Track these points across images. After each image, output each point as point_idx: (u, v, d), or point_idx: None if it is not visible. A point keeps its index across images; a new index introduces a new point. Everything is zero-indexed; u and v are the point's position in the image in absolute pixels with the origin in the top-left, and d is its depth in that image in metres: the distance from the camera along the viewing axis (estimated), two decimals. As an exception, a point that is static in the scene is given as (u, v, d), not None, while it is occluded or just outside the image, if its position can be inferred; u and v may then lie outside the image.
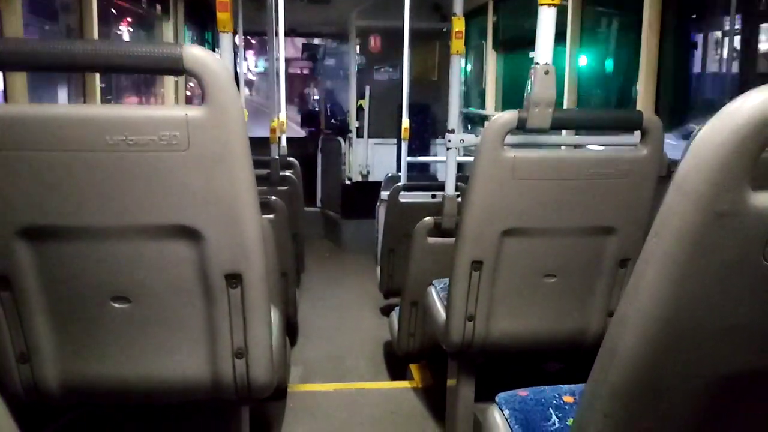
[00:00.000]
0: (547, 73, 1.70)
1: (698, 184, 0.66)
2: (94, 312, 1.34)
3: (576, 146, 2.60)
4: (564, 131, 2.91)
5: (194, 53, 1.17)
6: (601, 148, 2.31)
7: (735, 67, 2.54)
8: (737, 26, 2.51)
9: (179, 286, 1.33)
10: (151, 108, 1.38)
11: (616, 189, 1.77)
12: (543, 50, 1.72)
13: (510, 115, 1.71)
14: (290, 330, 3.35)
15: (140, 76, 4.60)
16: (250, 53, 19.98)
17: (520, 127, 1.71)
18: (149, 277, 1.32)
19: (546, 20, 1.72)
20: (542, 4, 1.69)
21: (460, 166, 3.19)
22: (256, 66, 21.80)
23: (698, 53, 2.79)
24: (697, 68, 2.81)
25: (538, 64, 1.71)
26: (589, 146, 2.52)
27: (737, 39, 2.51)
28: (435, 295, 2.30)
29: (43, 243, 1.27)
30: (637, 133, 1.80)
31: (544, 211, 1.79)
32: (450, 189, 2.73)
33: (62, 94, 3.04)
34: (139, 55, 1.19)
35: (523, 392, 1.35)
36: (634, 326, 0.74)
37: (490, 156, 1.71)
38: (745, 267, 0.70)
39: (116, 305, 1.33)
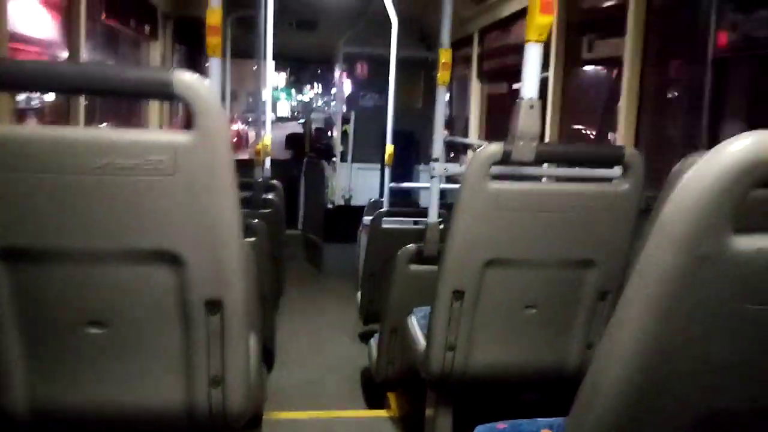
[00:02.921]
0: (531, 107, 1.73)
1: (682, 226, 0.67)
2: (69, 336, 1.31)
3: (557, 178, 2.64)
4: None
5: (184, 79, 1.17)
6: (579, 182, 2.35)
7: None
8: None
9: (157, 311, 1.31)
10: (138, 132, 1.37)
11: (597, 222, 1.80)
12: (528, 85, 1.76)
13: (495, 148, 1.73)
14: (267, 355, 3.31)
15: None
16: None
17: (505, 159, 1.73)
18: (127, 302, 1.30)
19: (532, 56, 1.75)
20: (529, 41, 1.73)
21: (443, 194, 3.21)
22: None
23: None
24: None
25: (522, 98, 1.74)
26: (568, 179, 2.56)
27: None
28: (415, 324, 2.29)
29: (20, 264, 1.25)
30: (617, 167, 1.83)
31: (526, 242, 1.81)
32: (433, 216, 2.74)
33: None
34: (129, 79, 1.19)
35: (501, 425, 1.34)
36: (616, 362, 0.75)
37: (475, 187, 1.73)
38: (727, 309, 0.71)
39: (92, 330, 1.30)
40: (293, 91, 26.95)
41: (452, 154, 5.87)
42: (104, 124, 3.96)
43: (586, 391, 0.80)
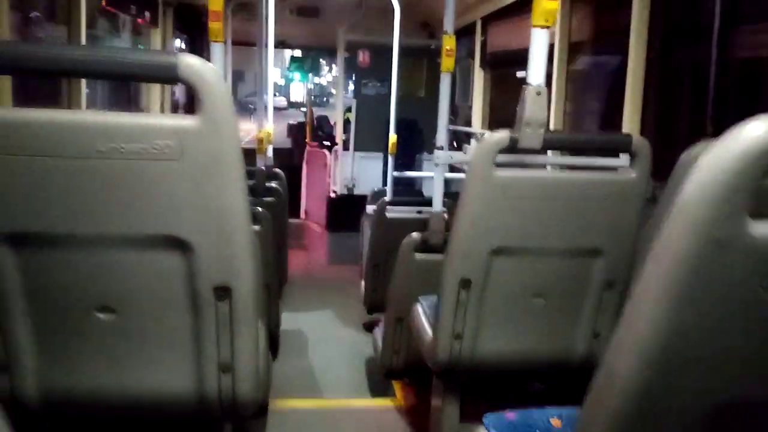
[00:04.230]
0: (539, 93, 1.71)
1: (698, 211, 0.67)
2: (78, 322, 1.31)
3: (562, 166, 2.63)
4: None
5: (189, 62, 1.16)
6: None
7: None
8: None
9: (166, 297, 1.30)
10: (144, 116, 1.35)
11: (605, 211, 1.79)
12: (535, 71, 1.74)
13: (501, 135, 1.72)
14: (272, 343, 3.32)
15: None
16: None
17: (512, 147, 1.72)
18: (136, 287, 1.30)
19: (538, 42, 1.73)
20: (536, 26, 1.71)
21: (447, 183, 3.20)
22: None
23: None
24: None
25: (529, 85, 1.72)
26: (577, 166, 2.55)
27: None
28: (422, 313, 2.29)
29: (28, 250, 1.24)
30: (623, 155, 1.82)
31: (533, 230, 1.80)
32: (437, 205, 2.73)
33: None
34: (134, 63, 1.18)
35: (510, 414, 1.34)
36: (632, 351, 0.74)
37: (481, 175, 1.72)
38: (743, 294, 0.70)
39: (101, 316, 1.30)
40: (310, 74, 23.54)
41: (455, 143, 5.85)
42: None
43: (601, 380, 0.79)
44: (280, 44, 6.70)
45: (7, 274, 1.25)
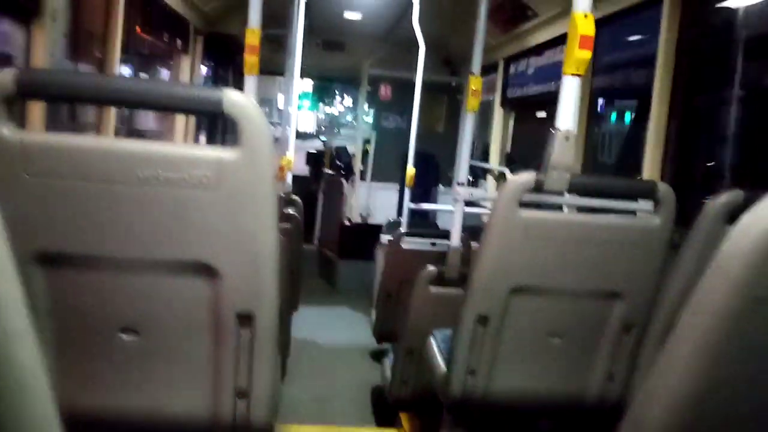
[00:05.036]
0: (567, 138, 1.75)
1: (739, 269, 0.68)
2: (101, 342, 1.33)
3: (579, 209, 2.66)
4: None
5: (233, 98, 1.21)
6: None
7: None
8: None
9: (190, 322, 1.33)
10: (185, 146, 1.41)
11: (626, 255, 1.80)
12: (564, 116, 1.78)
13: (528, 178, 1.75)
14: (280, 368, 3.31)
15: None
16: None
17: (537, 189, 1.75)
18: (161, 310, 1.32)
19: (569, 88, 1.78)
20: (567, 74, 1.76)
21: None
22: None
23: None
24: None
25: (559, 129, 1.77)
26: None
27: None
28: (435, 346, 2.30)
29: (58, 269, 1.27)
30: (643, 200, 1.85)
31: (553, 271, 1.82)
32: (455, 240, 2.76)
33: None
34: (182, 96, 1.23)
35: None
36: (662, 401, 0.74)
37: (506, 215, 1.75)
38: None
39: (124, 337, 1.33)
40: (320, 103, 21.48)
41: (470, 178, 5.90)
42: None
43: (629, 427, 0.80)
44: (305, 75, 6.84)
45: (35, 292, 1.27)
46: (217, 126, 5.56)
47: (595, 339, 1.92)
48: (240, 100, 1.21)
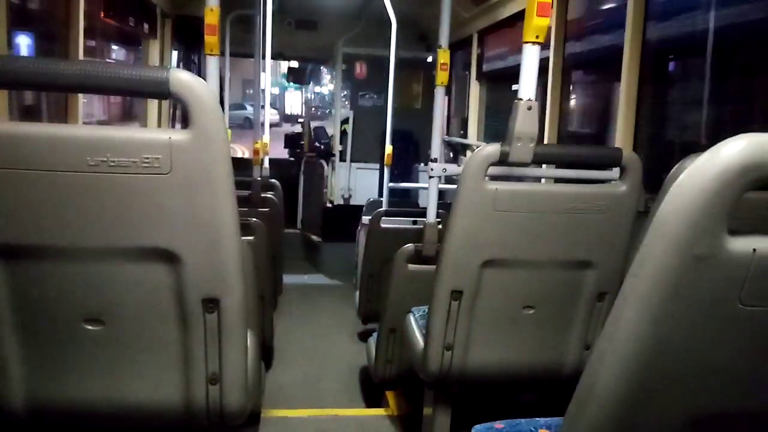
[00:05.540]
0: (529, 108, 1.73)
1: (677, 227, 0.68)
2: (66, 333, 1.31)
3: (554, 180, 2.66)
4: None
5: (180, 77, 1.17)
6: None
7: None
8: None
9: (155, 309, 1.31)
10: (134, 130, 1.37)
11: (595, 224, 1.80)
12: (526, 86, 1.76)
13: (492, 149, 1.74)
14: (265, 353, 3.32)
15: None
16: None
17: (503, 160, 1.74)
18: (124, 299, 1.30)
19: (530, 57, 1.76)
20: (527, 42, 1.74)
21: (442, 194, 3.23)
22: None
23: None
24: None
25: (521, 99, 1.75)
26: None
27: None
28: (413, 323, 2.30)
29: (17, 262, 1.25)
30: (615, 168, 1.84)
31: (523, 243, 1.82)
32: (431, 216, 2.75)
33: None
34: (126, 78, 1.18)
35: (498, 424, 1.35)
36: (611, 364, 0.75)
37: (472, 187, 1.74)
38: (721, 310, 0.71)
39: (89, 327, 1.31)
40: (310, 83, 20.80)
41: (451, 155, 5.88)
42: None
43: (582, 391, 0.80)
44: (278, 56, 6.74)
45: None
46: None
47: (569, 309, 1.93)
48: (188, 80, 1.18)
